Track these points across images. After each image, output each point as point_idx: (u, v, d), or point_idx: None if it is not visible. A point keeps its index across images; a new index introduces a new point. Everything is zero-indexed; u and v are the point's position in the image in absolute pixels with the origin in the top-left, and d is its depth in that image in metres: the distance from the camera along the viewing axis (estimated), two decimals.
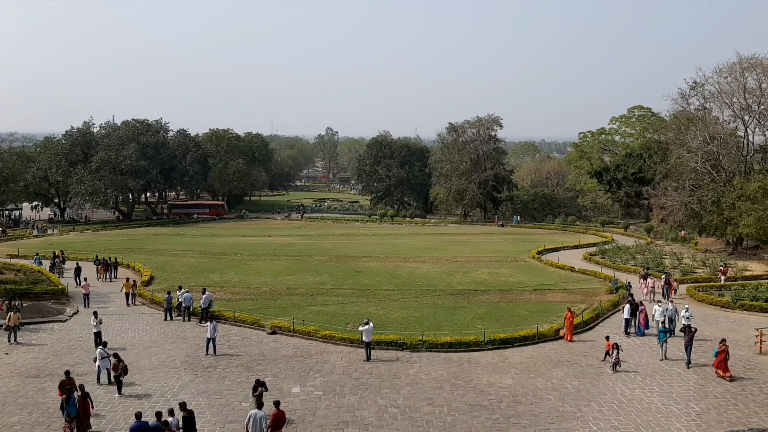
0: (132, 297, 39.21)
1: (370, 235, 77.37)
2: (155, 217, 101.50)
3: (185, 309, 35.31)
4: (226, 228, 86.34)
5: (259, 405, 20.51)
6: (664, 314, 31.33)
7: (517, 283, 45.41)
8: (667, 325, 30.63)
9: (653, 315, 32.36)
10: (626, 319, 32.63)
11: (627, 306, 32.97)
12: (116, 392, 23.80)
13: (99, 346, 26.31)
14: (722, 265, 47.80)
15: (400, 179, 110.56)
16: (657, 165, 74.50)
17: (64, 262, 50.22)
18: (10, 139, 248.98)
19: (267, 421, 19.29)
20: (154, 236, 75.77)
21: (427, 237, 75.15)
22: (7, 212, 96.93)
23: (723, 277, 44.72)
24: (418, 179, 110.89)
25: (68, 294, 41.00)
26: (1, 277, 43.37)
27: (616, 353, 26.53)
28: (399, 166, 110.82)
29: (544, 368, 27.08)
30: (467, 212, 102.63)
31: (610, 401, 23.36)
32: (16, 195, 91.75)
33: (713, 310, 37.45)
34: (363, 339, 28.26)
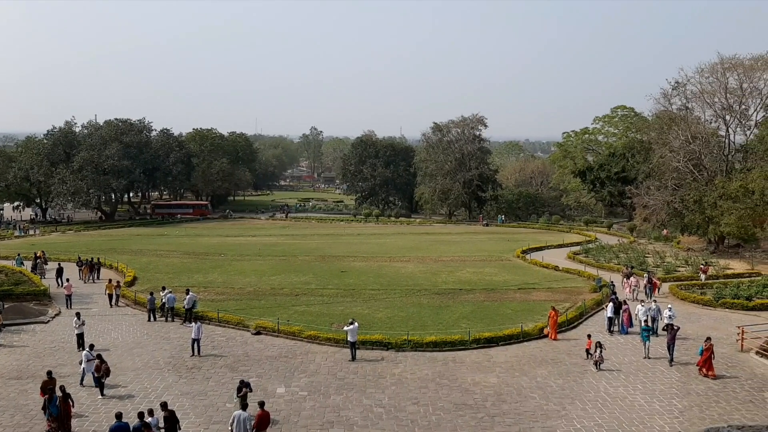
0: (116, 298, 38.89)
1: (355, 235, 77.32)
2: (138, 218, 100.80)
3: (168, 309, 35.11)
4: (210, 228, 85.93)
5: (244, 406, 20.43)
6: (647, 313, 31.55)
7: (502, 283, 45.57)
8: (650, 324, 30.87)
9: (636, 314, 32.60)
10: (609, 318, 32.86)
11: (610, 304, 33.20)
12: (99, 394, 23.61)
13: (85, 349, 26.11)
14: (703, 264, 48.26)
15: (385, 179, 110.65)
16: (640, 164, 75.10)
17: (46, 263, 49.73)
18: None
19: (251, 422, 19.22)
20: (137, 236, 75.27)
21: (412, 237, 75.21)
22: None
23: (704, 276, 45.13)
24: (403, 179, 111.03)
25: (50, 295, 40.57)
26: None
27: (600, 352, 26.69)
28: (384, 166, 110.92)
29: (529, 367, 27.20)
30: (452, 212, 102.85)
31: (594, 399, 23.50)
32: None
33: (695, 308, 37.79)
34: (348, 339, 28.23)
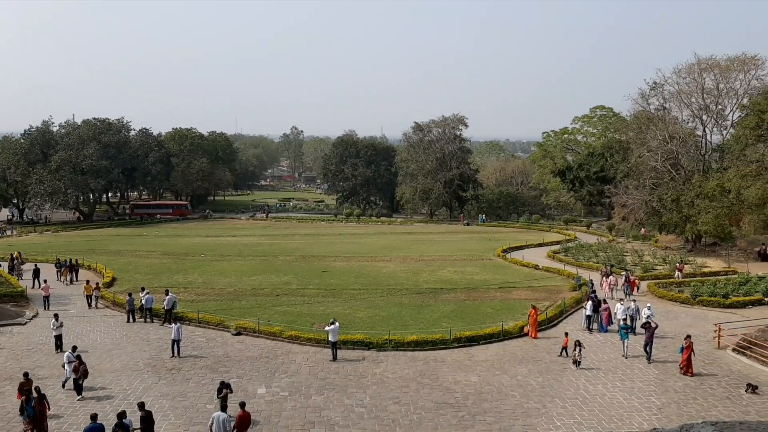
0: (95, 300, 38.46)
1: (336, 235, 77.24)
2: (117, 218, 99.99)
3: (147, 310, 34.81)
4: (190, 228, 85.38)
5: (224, 407, 20.34)
6: (626, 312, 31.84)
7: (483, 282, 45.75)
8: (629, 323, 31.15)
9: (615, 313, 32.87)
10: (588, 316, 33.12)
11: (589, 303, 33.46)
12: (79, 395, 23.38)
13: (65, 350, 25.81)
14: (678, 262, 48.81)
15: (366, 178, 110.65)
16: (618, 164, 75.74)
17: (23, 264, 49.14)
18: None
19: (231, 423, 19.13)
20: (116, 237, 74.62)
21: (393, 236, 75.27)
22: None
23: (679, 274, 45.62)
24: (384, 178, 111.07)
25: (28, 296, 40.11)
26: None
27: (579, 350, 26.88)
28: (365, 166, 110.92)
29: (509, 365, 27.34)
30: (433, 211, 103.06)
31: (574, 397, 23.68)
32: None
33: (673, 306, 38.20)
34: (329, 339, 28.17)
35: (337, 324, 28.55)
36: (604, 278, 41.99)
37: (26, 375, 22.37)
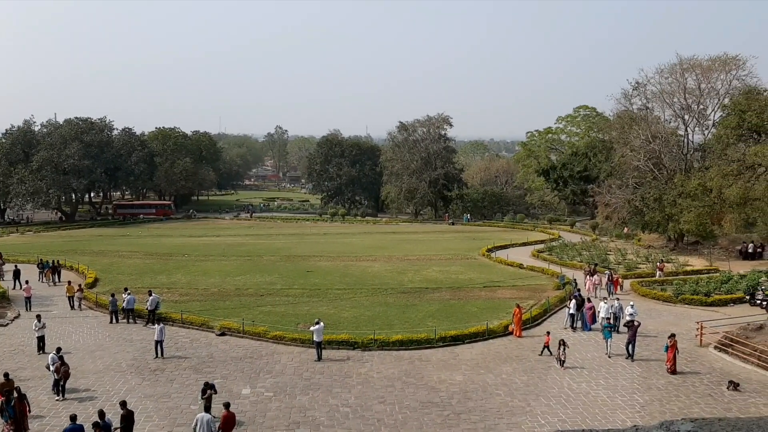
0: (78, 301, 38.06)
1: (321, 235, 77.12)
2: (100, 218, 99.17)
3: (129, 311, 34.54)
4: (174, 228, 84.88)
5: (208, 408, 20.22)
6: (609, 311, 32.04)
7: (468, 281, 45.86)
8: (612, 322, 31.34)
9: (599, 312, 33.04)
10: (571, 314, 33.28)
11: (573, 301, 33.63)
12: (59, 396, 23.17)
13: (48, 352, 25.53)
14: (659, 261, 49.21)
15: (351, 178, 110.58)
16: (602, 163, 76.26)
17: (4, 264, 48.60)
18: None
19: (216, 424, 19.04)
20: (99, 237, 74.02)
21: (378, 236, 75.26)
22: None
23: (660, 273, 45.98)
24: (369, 178, 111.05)
25: (9, 297, 39.69)
26: None
27: (563, 349, 27.00)
28: (350, 165, 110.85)
29: (494, 364, 27.43)
30: (418, 211, 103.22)
31: (558, 395, 23.80)
32: None
33: (656, 305, 38.49)
34: (314, 339, 28.12)
35: (322, 324, 28.51)
36: (588, 277, 42.21)
37: (6, 376, 22.07)
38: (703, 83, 59.57)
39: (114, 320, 34.44)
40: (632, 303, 33.23)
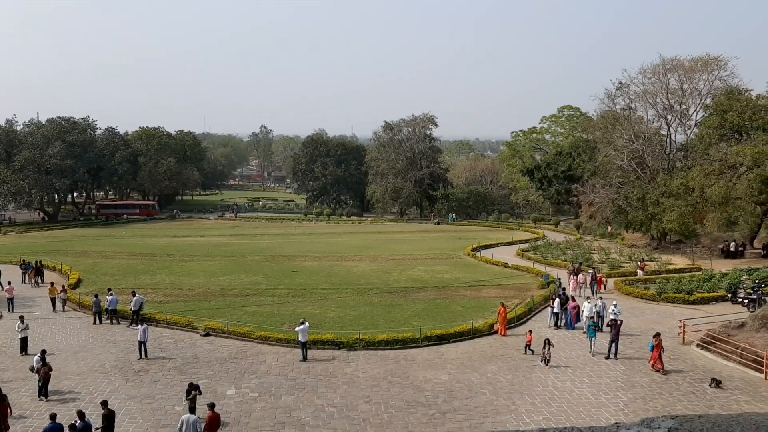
0: (62, 302, 37.72)
1: (306, 234, 77.01)
2: (83, 218, 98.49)
3: (111, 312, 34.29)
4: (158, 228, 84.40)
5: (192, 409, 20.13)
6: (593, 310, 32.23)
7: (453, 280, 45.97)
8: (596, 321, 31.52)
9: (583, 311, 33.20)
10: (555, 313, 33.45)
11: (557, 300, 33.80)
12: (42, 397, 22.99)
13: (31, 353, 25.28)
14: (641, 261, 49.58)
15: (336, 178, 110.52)
16: (585, 163, 76.82)
17: None
18: None
19: (201, 425, 18.97)
20: (82, 238, 73.45)
21: (364, 235, 75.26)
22: None
23: (641, 272, 46.32)
24: (355, 178, 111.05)
25: None
26: None
27: (548, 348, 27.12)
28: (335, 165, 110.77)
29: (479, 363, 27.51)
30: (404, 210, 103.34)
31: (542, 394, 23.91)
32: None
33: (639, 303, 38.77)
34: (299, 339, 28.06)
35: (307, 324, 28.45)
36: (572, 276, 42.45)
37: None
38: (686, 83, 60.21)
39: (97, 321, 34.19)
40: (615, 302, 33.45)
